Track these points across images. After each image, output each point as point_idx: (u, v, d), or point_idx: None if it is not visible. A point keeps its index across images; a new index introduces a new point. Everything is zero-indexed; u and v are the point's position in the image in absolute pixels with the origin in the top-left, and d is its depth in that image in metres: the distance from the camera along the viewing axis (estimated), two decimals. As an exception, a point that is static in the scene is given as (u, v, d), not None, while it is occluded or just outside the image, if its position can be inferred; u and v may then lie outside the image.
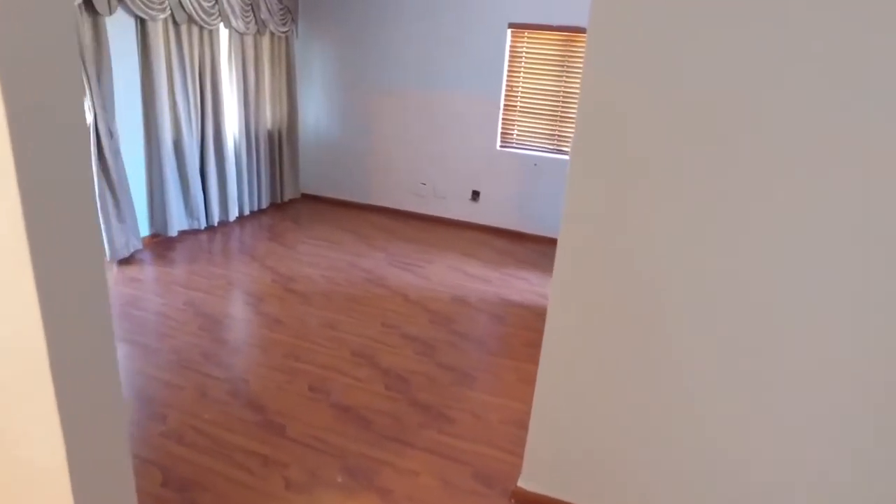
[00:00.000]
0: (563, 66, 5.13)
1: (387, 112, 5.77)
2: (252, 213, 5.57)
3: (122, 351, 3.00)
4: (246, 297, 3.79)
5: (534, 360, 3.24)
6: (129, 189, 4.13)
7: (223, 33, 4.88)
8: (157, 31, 4.20)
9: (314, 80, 5.97)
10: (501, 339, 3.50)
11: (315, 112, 6.08)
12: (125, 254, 4.16)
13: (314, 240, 5.01)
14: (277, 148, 5.79)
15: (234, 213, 5.24)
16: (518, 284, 4.40)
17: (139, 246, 4.29)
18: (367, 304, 3.81)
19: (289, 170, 6.00)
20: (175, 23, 4.32)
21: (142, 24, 4.12)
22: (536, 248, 5.32)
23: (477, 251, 5.10)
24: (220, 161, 5.00)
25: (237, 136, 5.20)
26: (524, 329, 3.65)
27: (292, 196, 6.14)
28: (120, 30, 4.03)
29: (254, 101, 5.33)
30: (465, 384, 2.97)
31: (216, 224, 5.08)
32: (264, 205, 5.72)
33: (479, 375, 3.06)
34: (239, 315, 3.53)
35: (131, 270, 4.05)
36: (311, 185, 6.32)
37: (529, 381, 3.04)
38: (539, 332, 3.60)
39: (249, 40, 5.12)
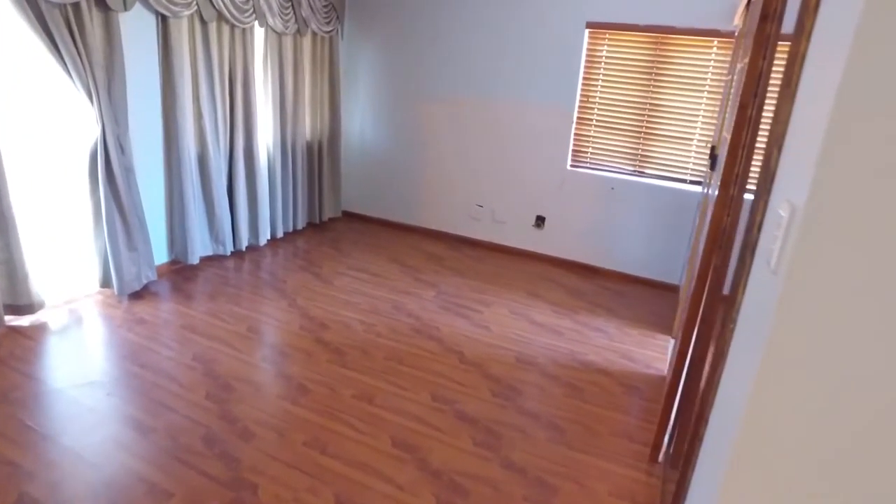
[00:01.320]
0: (650, 73, 4.32)
1: (440, 123, 5.07)
2: (286, 234, 4.96)
3: (107, 431, 2.38)
4: (268, 350, 3.14)
5: (630, 458, 2.46)
6: (142, 212, 3.55)
7: (258, 33, 4.27)
8: (180, 30, 3.61)
9: (360, 86, 5.32)
10: (583, 423, 2.74)
11: (360, 122, 5.43)
12: (136, 287, 3.58)
13: (354, 271, 4.35)
14: (317, 162, 5.17)
15: (265, 237, 4.63)
16: (594, 338, 3.62)
17: (153, 277, 3.71)
18: (414, 364, 3.10)
19: (329, 186, 5.37)
20: (202, 20, 3.73)
21: (163, 21, 3.54)
22: (611, 287, 4.52)
23: (542, 290, 4.33)
24: (250, 178, 4.40)
25: (271, 149, 4.59)
26: (611, 408, 2.87)
27: (332, 215, 5.51)
28: (137, 28, 3.45)
29: (291, 110, 4.71)
30: (540, 499, 2.22)
31: (244, 249, 4.48)
32: (300, 225, 5.10)
33: (558, 484, 2.31)
34: (256, 378, 2.87)
35: (141, 308, 3.46)
36: (353, 203, 5.68)
37: (625, 495, 2.27)
38: (631, 413, 2.86)
39: (288, 41, 4.51)
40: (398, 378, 2.95)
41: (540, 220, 4.92)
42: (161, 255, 3.96)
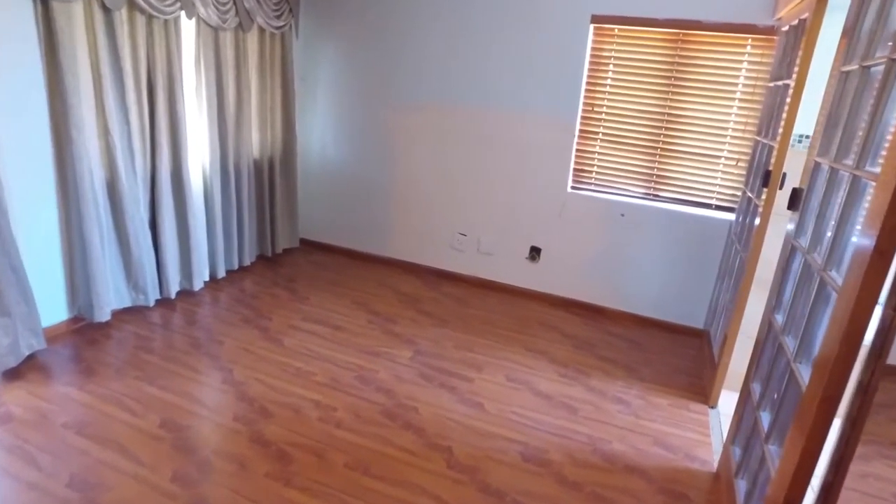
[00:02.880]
0: (668, 77, 3.58)
1: (416, 136, 4.26)
2: (230, 274, 4.08)
3: None
4: (183, 461, 2.28)
5: None
6: (19, 263, 2.65)
7: (187, 26, 3.41)
8: (71, 20, 2.73)
9: (319, 92, 4.48)
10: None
11: (320, 135, 4.59)
12: (11, 363, 2.68)
13: (311, 323, 3.50)
14: (268, 184, 4.30)
15: (201, 279, 3.75)
16: (616, 415, 2.84)
17: (40, 345, 2.82)
18: (385, 474, 2.27)
19: (283, 213, 4.51)
20: (104, 7, 2.86)
21: (44, 6, 2.66)
22: (622, 334, 3.75)
23: (543, 342, 3.54)
24: (180, 207, 3.52)
25: (208, 170, 3.72)
26: (657, 537, 2.09)
27: (288, 245, 4.65)
28: (5, 17, 2.57)
29: (233, 122, 3.85)
30: None
31: (174, 296, 3.59)
32: (248, 260, 4.22)
33: None
34: (162, 507, 2.01)
35: (12, 394, 2.57)
36: (313, 230, 4.82)
37: None
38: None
39: (227, 38, 3.65)
40: (365, 500, 2.12)
41: (535, 252, 4.14)
42: (57, 313, 3.06)
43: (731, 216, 3.59)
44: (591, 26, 3.64)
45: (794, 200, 2.12)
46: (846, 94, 1.91)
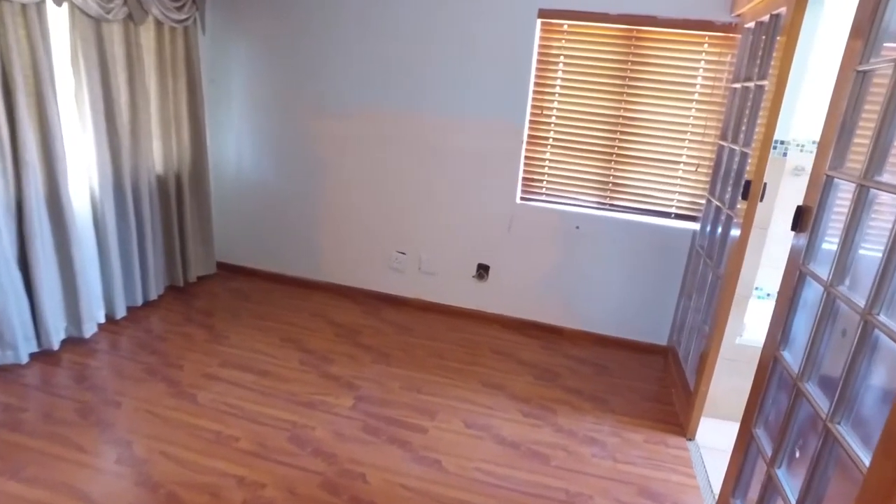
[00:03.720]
0: (622, 78, 3.30)
1: (347, 146, 3.79)
2: (133, 311, 3.46)
3: None
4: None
5: None
6: None
7: (56, 15, 2.79)
8: None
9: (234, 97, 3.92)
10: None
11: (236, 146, 4.02)
12: None
13: (231, 369, 2.96)
14: (175, 203, 3.70)
15: (93, 322, 3.13)
16: (592, 461, 2.50)
17: None
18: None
19: (195, 235, 3.91)
20: (-60, -8, 2.23)
21: None
22: (584, 357, 3.44)
23: (499, 374, 3.17)
24: (60, 237, 2.89)
25: (97, 190, 3.10)
26: None
27: (203, 272, 4.05)
28: None
29: (127, 132, 3.24)
30: None
31: (57, 347, 2.95)
32: (155, 293, 3.61)
33: None
34: None
35: None
36: (232, 253, 4.24)
37: None
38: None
39: (114, 31, 3.05)
40: None
41: (482, 270, 3.77)
42: None
43: (693, 225, 3.36)
44: (539, 21, 3.30)
45: (801, 220, 1.83)
46: (863, 98, 1.64)
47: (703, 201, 3.24)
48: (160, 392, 2.69)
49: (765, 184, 2.39)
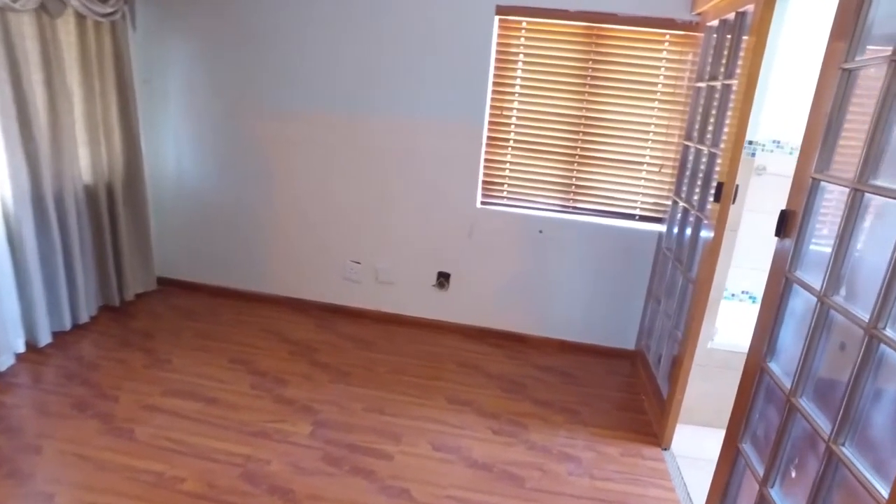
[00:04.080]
0: (584, 77, 3.20)
1: (296, 150, 3.55)
2: (60, 336, 3.13)
3: None
4: None
5: None
6: None
7: (-39, 10, 2.46)
8: None
9: (171, 99, 3.62)
10: None
11: (174, 151, 3.72)
12: None
13: (174, 397, 2.69)
14: (108, 214, 3.38)
15: (10, 353, 2.80)
16: (567, 478, 2.38)
17: None
18: None
19: (132, 248, 3.59)
20: None
21: None
22: (551, 366, 3.33)
23: (465, 389, 3.02)
24: (-30, 259, 2.56)
25: (10, 203, 2.77)
26: None
27: (142, 289, 3.73)
28: None
29: (47, 138, 2.92)
30: None
31: (-31, 381, 2.61)
32: (87, 315, 3.28)
33: None
34: None
35: None
36: (173, 266, 3.93)
37: None
38: None
39: (25, 23, 2.73)
40: None
41: (443, 278, 3.61)
42: None
43: (658, 227, 3.29)
44: (496, 18, 3.16)
45: (785, 225, 1.74)
46: (848, 98, 1.56)
47: (669, 202, 3.18)
48: (91, 430, 2.41)
49: (737, 185, 2.32)
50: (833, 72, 1.59)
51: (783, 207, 1.76)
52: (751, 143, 2.49)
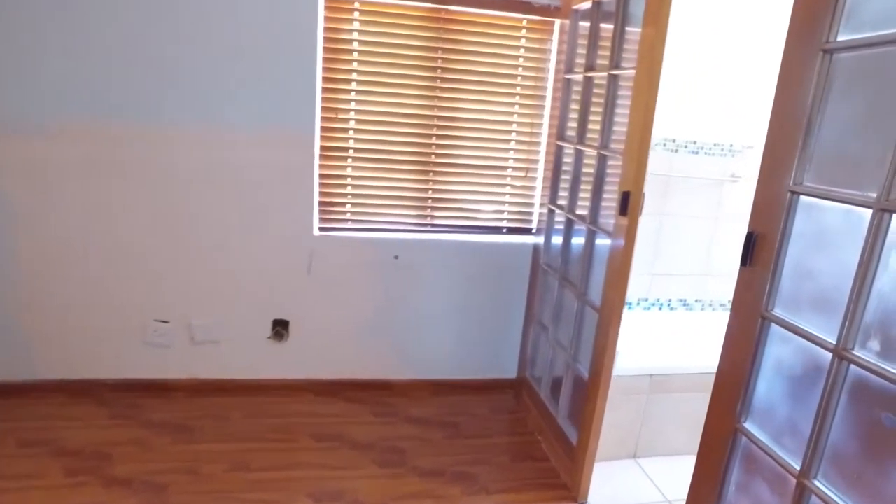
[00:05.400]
0: (433, 70, 2.68)
1: (54, 178, 2.51)
2: None
3: None
4: None
5: None
6: None
7: None
8: None
9: None
10: None
11: None
12: None
13: None
14: None
15: None
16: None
17: None
18: None
19: None
20: None
21: None
22: (429, 418, 2.79)
23: (331, 473, 2.34)
24: None
25: None
26: None
27: None
28: None
29: None
30: None
31: None
32: None
33: None
34: None
35: None
36: None
37: None
38: None
39: None
40: None
41: (280, 327, 2.86)
42: None
43: (531, 239, 2.90)
44: (322, 1, 2.48)
45: (753, 252, 1.38)
46: (832, 89, 1.21)
47: (542, 211, 2.79)
48: None
49: (643, 194, 1.96)
50: (808, 55, 1.23)
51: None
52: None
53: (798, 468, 1.24)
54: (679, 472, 2.50)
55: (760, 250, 1.36)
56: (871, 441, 1.14)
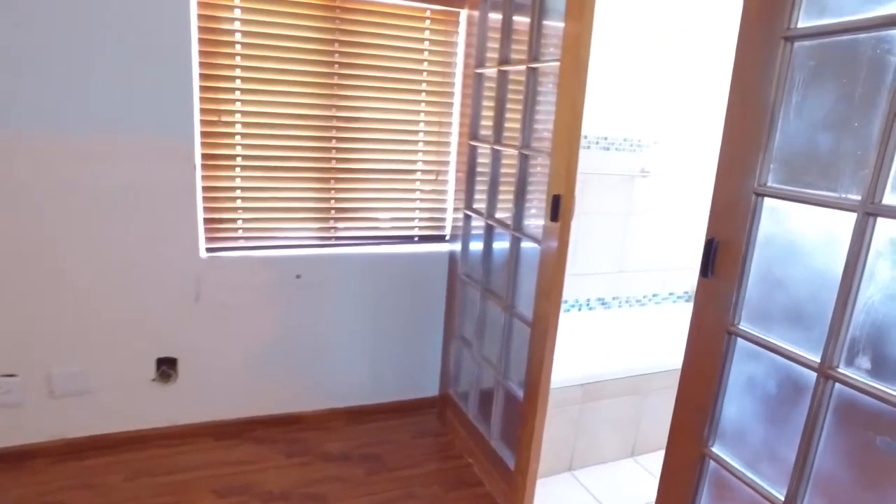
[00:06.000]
0: (330, 65, 2.39)
1: None
2: None
3: None
4: None
5: None
6: None
7: None
8: None
9: None
10: None
11: None
12: None
13: None
14: None
15: None
16: None
17: None
18: None
19: None
20: None
21: None
22: (347, 452, 2.51)
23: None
24: None
25: None
26: None
27: None
28: None
29: None
30: None
31: None
32: None
33: None
34: None
35: None
36: None
37: None
38: None
39: None
40: None
41: (167, 366, 2.45)
42: None
43: (445, 247, 2.70)
44: (191, -19, 2.11)
45: (714, 261, 1.25)
46: (796, 80, 1.11)
47: (457, 216, 2.59)
48: None
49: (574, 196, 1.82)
50: (767, 44, 1.12)
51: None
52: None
53: (783, 497, 1.13)
54: (616, 480, 2.44)
55: (723, 259, 1.24)
56: (863, 466, 1.04)
